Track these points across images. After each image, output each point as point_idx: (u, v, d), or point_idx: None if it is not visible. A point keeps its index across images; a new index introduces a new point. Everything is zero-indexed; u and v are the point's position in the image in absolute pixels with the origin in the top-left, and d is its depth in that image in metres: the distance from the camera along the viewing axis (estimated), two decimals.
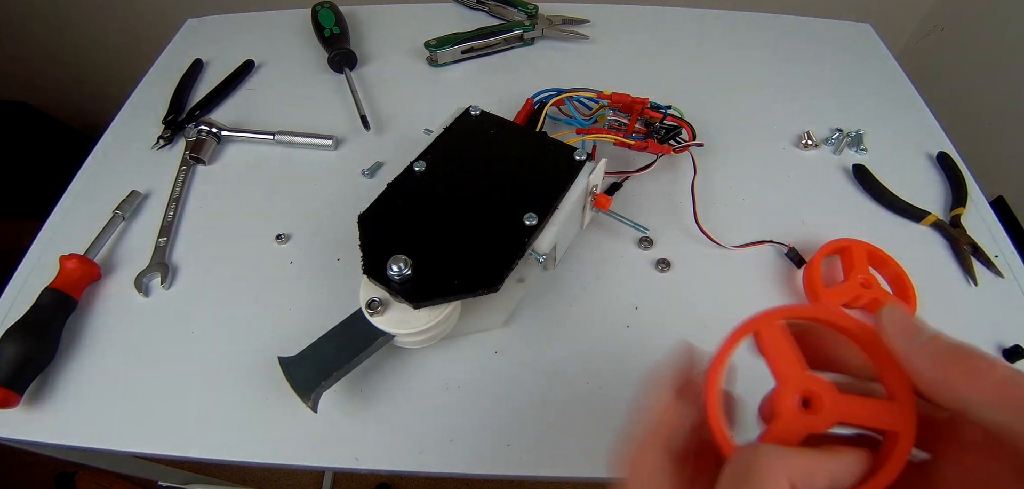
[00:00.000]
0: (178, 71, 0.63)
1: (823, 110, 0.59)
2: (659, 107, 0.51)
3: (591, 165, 0.42)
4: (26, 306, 0.40)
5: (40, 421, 0.38)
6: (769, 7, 0.73)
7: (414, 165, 0.42)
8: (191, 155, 0.53)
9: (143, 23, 1.24)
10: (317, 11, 0.67)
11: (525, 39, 0.67)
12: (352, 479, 1.16)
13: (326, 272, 0.45)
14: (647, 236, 0.47)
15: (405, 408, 0.38)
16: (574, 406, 0.38)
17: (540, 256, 0.37)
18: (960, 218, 0.48)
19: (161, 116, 0.58)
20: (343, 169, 0.54)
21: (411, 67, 0.65)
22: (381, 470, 0.36)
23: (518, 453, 0.36)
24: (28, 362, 0.38)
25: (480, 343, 0.41)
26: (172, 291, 0.44)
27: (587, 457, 0.36)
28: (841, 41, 0.69)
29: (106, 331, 0.42)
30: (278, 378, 0.35)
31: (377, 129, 0.57)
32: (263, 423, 0.37)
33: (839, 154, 0.55)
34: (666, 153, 0.50)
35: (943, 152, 0.54)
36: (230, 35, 0.70)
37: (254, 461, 0.36)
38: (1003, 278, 0.45)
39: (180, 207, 0.50)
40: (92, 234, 0.46)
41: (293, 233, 0.48)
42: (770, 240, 0.46)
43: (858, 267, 0.43)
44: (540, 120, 0.52)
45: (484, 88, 0.63)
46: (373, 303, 0.35)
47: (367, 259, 0.36)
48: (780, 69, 0.65)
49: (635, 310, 0.43)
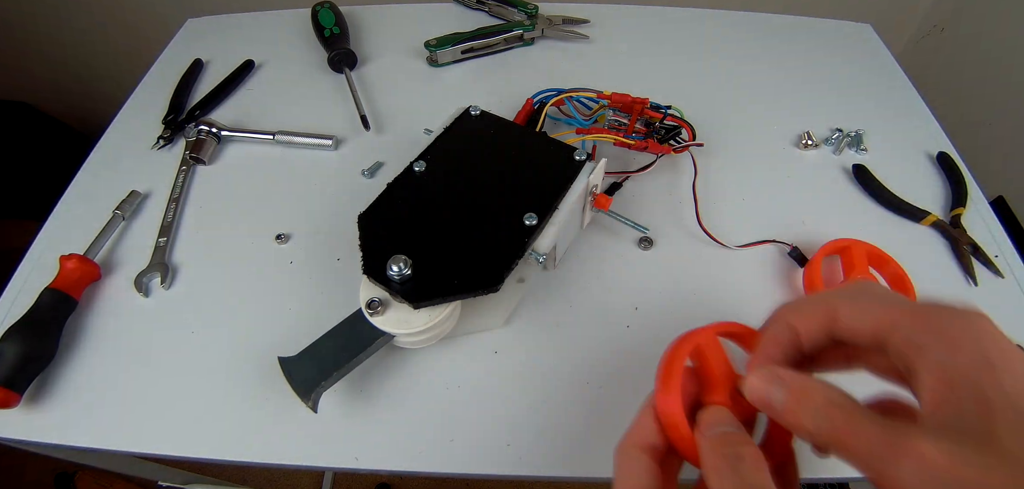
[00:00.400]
0: (178, 71, 0.63)
1: (823, 110, 0.59)
2: (659, 107, 0.51)
3: (591, 165, 0.42)
4: (26, 306, 0.40)
5: (40, 421, 0.38)
6: (769, 7, 0.73)
7: (414, 165, 0.42)
8: (191, 155, 0.53)
9: (143, 23, 1.24)
10: (317, 11, 0.67)
11: (525, 39, 0.67)
12: (352, 479, 1.16)
13: (326, 272, 0.45)
14: (647, 236, 0.47)
15: (405, 408, 0.38)
16: (574, 406, 0.38)
17: (540, 256, 0.37)
18: (960, 218, 0.48)
19: (161, 116, 0.58)
20: (343, 169, 0.54)
21: (411, 67, 0.65)
22: (381, 470, 0.36)
23: (518, 453, 0.36)
24: (28, 362, 0.38)
25: (480, 343, 0.41)
26: (172, 291, 0.44)
27: (587, 457, 0.36)
28: (841, 41, 0.69)
29: (106, 331, 0.42)
30: (278, 378, 0.35)
31: (377, 129, 0.57)
32: (263, 423, 0.37)
33: (839, 154, 0.55)
34: (666, 153, 0.50)
35: (943, 152, 0.54)
36: (230, 35, 0.70)
37: (254, 461, 0.36)
38: (1003, 278, 0.45)
39: (180, 207, 0.50)
40: (92, 234, 0.46)
41: (293, 233, 0.48)
42: (774, 240, 0.46)
43: (858, 267, 0.43)
44: (540, 120, 0.52)
45: (484, 88, 0.63)
46: (373, 303, 0.35)
47: (367, 259, 0.36)
48: (780, 69, 0.65)
49: (635, 310, 0.43)
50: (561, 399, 0.38)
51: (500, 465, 0.36)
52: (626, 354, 0.40)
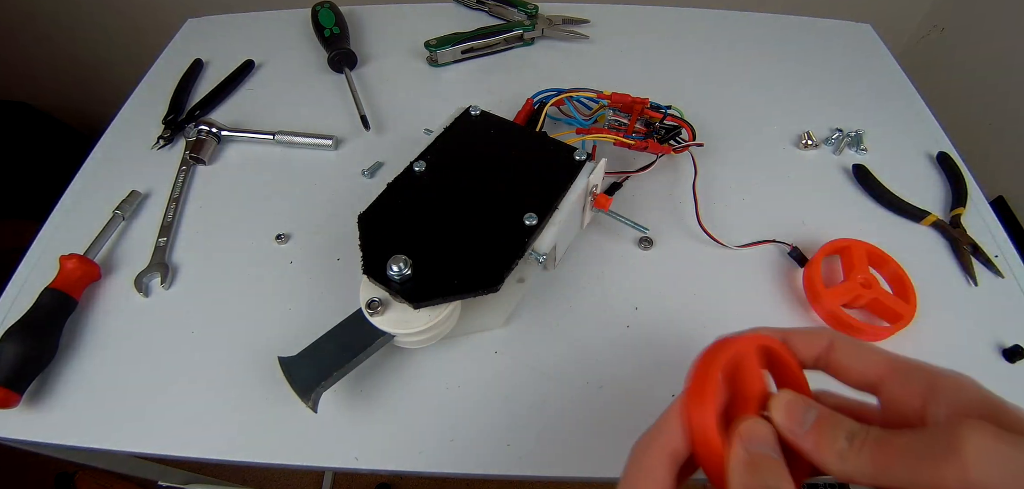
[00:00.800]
0: (178, 71, 0.63)
1: (823, 110, 0.59)
2: (659, 107, 0.51)
3: (591, 165, 0.42)
4: (26, 306, 0.40)
5: (40, 421, 0.38)
6: (769, 7, 0.73)
7: (414, 165, 0.42)
8: (191, 155, 0.53)
9: (143, 23, 1.24)
10: (317, 11, 0.67)
11: (525, 39, 0.67)
12: (352, 479, 1.16)
13: (326, 272, 0.45)
14: (647, 236, 0.47)
15: (405, 408, 0.38)
16: (574, 406, 0.38)
17: (540, 256, 0.37)
18: (960, 218, 0.48)
19: (161, 116, 0.58)
20: (343, 169, 0.54)
21: (411, 67, 0.65)
22: (381, 470, 0.36)
23: (518, 453, 0.36)
24: (28, 362, 0.38)
25: (480, 343, 0.41)
26: (172, 291, 0.44)
27: (587, 457, 0.36)
28: (841, 41, 0.69)
29: (106, 331, 0.42)
30: (278, 378, 0.35)
31: (377, 129, 0.57)
32: (263, 423, 0.37)
33: (839, 154, 0.55)
34: (666, 153, 0.50)
35: (943, 152, 0.54)
36: (230, 35, 0.70)
37: (254, 461, 0.36)
38: (1003, 278, 0.45)
39: (180, 207, 0.50)
40: (92, 234, 0.46)
41: (293, 233, 0.48)
42: (774, 240, 0.46)
43: (858, 267, 0.43)
44: (540, 120, 0.52)
45: (484, 88, 0.63)
46: (373, 303, 0.35)
47: (367, 259, 0.36)
48: (780, 69, 0.65)
49: (635, 310, 0.43)
50: (561, 399, 0.38)
51: (500, 465, 0.36)
52: (626, 354, 0.40)
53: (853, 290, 0.42)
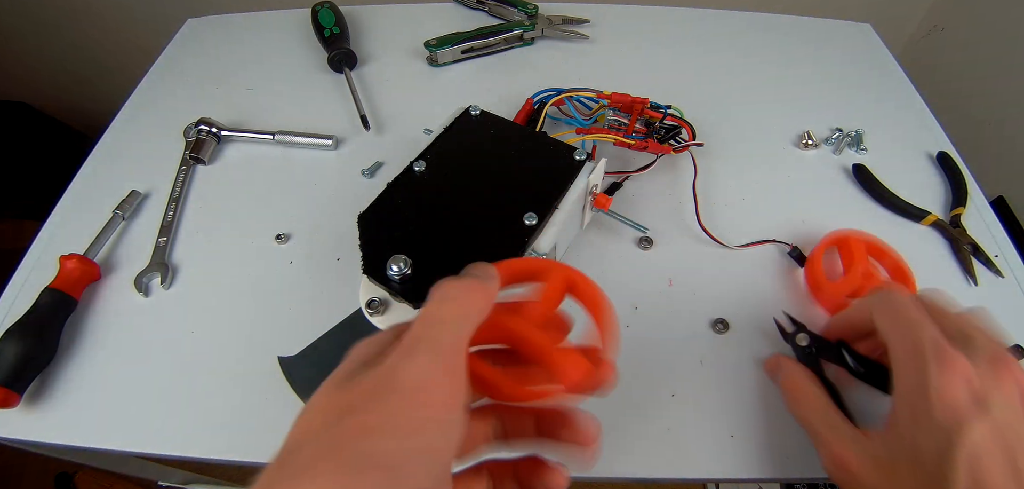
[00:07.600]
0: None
1: (823, 110, 0.59)
2: (659, 107, 0.51)
3: (591, 165, 0.42)
4: (26, 306, 0.40)
5: (40, 421, 0.38)
6: (769, 7, 0.73)
7: (414, 165, 0.42)
8: (191, 155, 0.53)
9: (143, 23, 1.24)
10: (317, 11, 0.67)
11: (525, 39, 0.67)
12: None
13: (326, 272, 0.45)
14: (647, 236, 0.47)
15: None
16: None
17: (540, 255, 0.37)
18: (960, 218, 0.48)
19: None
20: (343, 169, 0.54)
21: (411, 67, 0.65)
22: None
23: None
24: (28, 362, 0.38)
25: None
26: (172, 291, 0.44)
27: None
28: (841, 41, 0.69)
29: (106, 331, 0.42)
30: (278, 378, 0.35)
31: (377, 129, 0.57)
32: (263, 423, 0.37)
33: (839, 154, 0.55)
34: (666, 153, 0.50)
35: (943, 152, 0.54)
36: (230, 35, 0.70)
37: (254, 461, 0.36)
38: (1003, 278, 0.45)
39: (180, 207, 0.50)
40: (92, 234, 0.46)
41: (293, 233, 0.48)
42: (774, 239, 0.46)
43: (858, 259, 0.43)
44: (540, 120, 0.52)
45: (484, 88, 0.63)
46: (373, 303, 0.35)
47: (367, 259, 0.36)
48: (780, 69, 0.65)
49: (635, 310, 0.43)
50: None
51: None
52: (625, 354, 0.40)
53: (855, 282, 0.41)
